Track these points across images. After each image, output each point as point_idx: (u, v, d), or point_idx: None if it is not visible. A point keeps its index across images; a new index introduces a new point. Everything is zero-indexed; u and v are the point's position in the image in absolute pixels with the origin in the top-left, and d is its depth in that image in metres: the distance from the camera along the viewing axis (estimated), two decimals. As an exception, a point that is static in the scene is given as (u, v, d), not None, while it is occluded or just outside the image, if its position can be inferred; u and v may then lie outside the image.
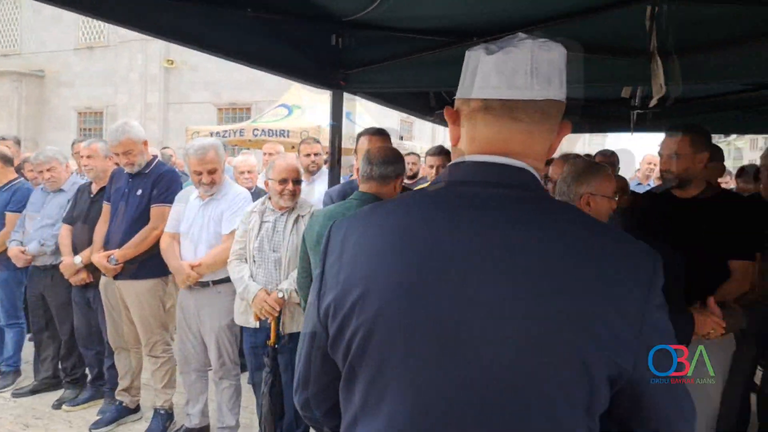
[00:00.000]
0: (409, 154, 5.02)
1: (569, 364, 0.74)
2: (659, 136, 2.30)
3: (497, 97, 0.83)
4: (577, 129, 5.08)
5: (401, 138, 13.01)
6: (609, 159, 3.85)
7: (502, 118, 0.84)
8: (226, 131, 8.84)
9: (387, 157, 2.15)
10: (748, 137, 30.23)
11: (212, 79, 17.90)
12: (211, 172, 2.91)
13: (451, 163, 0.92)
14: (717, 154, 2.91)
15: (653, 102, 2.28)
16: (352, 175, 4.35)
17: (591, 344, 0.74)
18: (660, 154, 2.46)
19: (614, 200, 2.08)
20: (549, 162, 2.89)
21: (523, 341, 0.75)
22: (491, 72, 0.83)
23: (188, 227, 3.02)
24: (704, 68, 2.21)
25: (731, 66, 2.22)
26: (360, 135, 2.90)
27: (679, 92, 2.08)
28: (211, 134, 8.06)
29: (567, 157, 2.71)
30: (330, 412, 0.95)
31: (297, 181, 2.76)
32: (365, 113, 8.91)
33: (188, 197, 3.08)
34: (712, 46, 2.20)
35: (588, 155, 4.34)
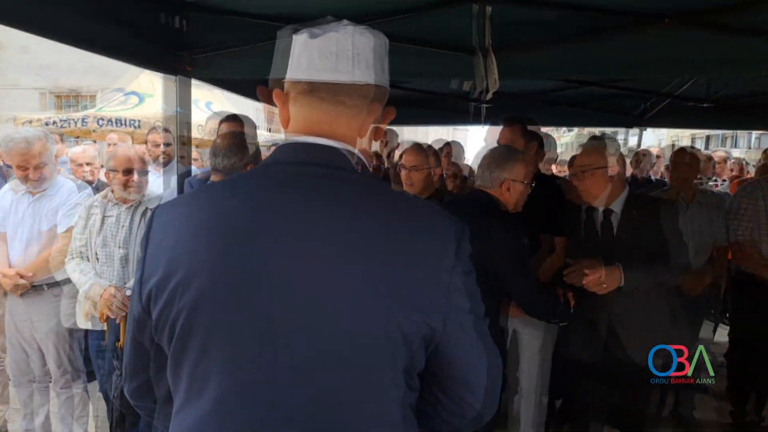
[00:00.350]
0: (272, 145, 4.96)
1: (388, 330, 0.79)
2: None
3: (322, 80, 0.87)
4: (425, 121, 5.37)
5: (269, 130, 12.67)
6: (448, 149, 4.18)
7: (326, 100, 0.88)
8: (64, 120, 7.93)
9: (231, 148, 2.12)
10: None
11: (48, 62, 15.86)
12: (39, 167, 2.62)
13: (278, 144, 0.95)
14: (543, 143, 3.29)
15: (489, 96, 2.52)
16: None
17: (407, 309, 0.80)
18: (497, 143, 2.74)
19: (529, 186, 2.17)
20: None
21: (340, 315, 0.79)
22: (315, 55, 0.87)
23: (15, 227, 2.71)
24: (525, 65, 2.48)
25: (550, 64, 2.51)
26: (220, 122, 2.86)
27: (497, 87, 2.32)
28: (46, 123, 7.20)
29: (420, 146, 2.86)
30: (161, 399, 0.94)
31: (143, 172, 2.61)
32: (227, 101, 8.56)
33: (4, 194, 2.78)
34: (532, 44, 2.47)
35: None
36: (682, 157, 3.23)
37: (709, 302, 3.38)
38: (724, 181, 5.03)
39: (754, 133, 21.08)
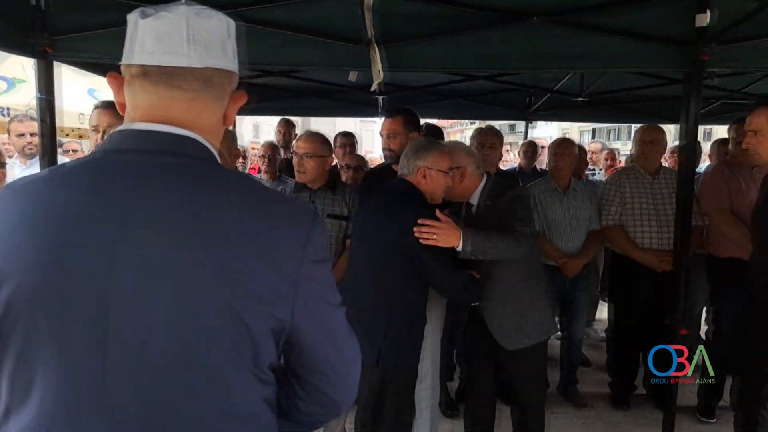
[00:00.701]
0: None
1: (226, 323, 0.76)
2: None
3: (154, 63, 0.81)
4: (330, 113, 5.34)
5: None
6: (349, 140, 4.20)
7: (160, 84, 0.82)
8: None
9: None
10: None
11: None
12: None
13: (113, 131, 0.88)
14: (433, 134, 3.37)
15: (375, 86, 2.53)
16: None
17: (248, 301, 0.77)
18: (380, 134, 2.77)
19: (449, 175, 2.21)
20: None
21: (174, 310, 0.75)
22: (147, 37, 0.81)
23: None
24: (409, 58, 2.52)
25: (437, 57, 2.56)
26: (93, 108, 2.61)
27: (382, 78, 2.34)
28: None
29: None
30: None
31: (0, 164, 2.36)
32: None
33: None
34: (416, 37, 2.51)
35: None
36: (557, 148, 3.45)
37: (587, 282, 3.63)
38: (600, 170, 5.47)
39: (634, 126, 23.20)
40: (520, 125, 5.52)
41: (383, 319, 2.10)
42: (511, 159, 7.11)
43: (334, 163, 3.15)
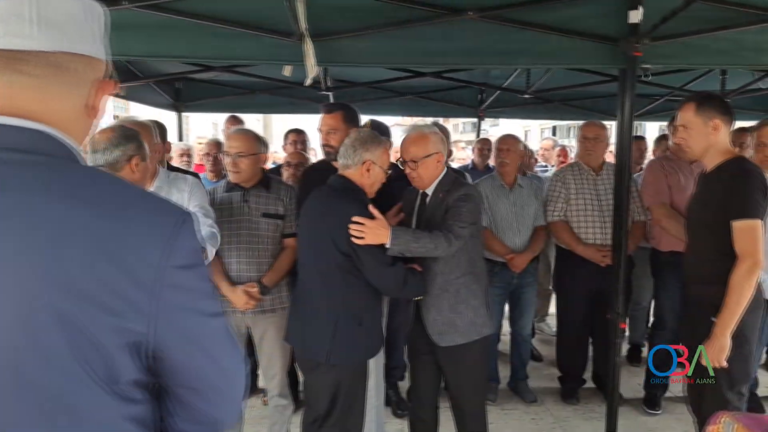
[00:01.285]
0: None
1: (68, 336, 0.69)
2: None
3: None
4: (277, 110, 5.25)
5: (115, 117, 11.56)
6: (301, 137, 4.10)
7: (3, 70, 0.74)
8: None
9: (112, 141, 1.94)
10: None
11: None
12: None
13: None
14: (379, 131, 3.31)
15: (308, 81, 2.47)
16: None
17: (92, 311, 0.70)
18: (319, 130, 2.70)
19: (387, 172, 2.23)
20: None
21: (4, 323, 0.67)
22: None
23: None
24: (346, 52, 2.47)
25: (372, 51, 2.51)
26: None
27: (316, 73, 2.28)
28: None
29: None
30: None
31: None
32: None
33: None
34: (348, 31, 2.45)
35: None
36: (502, 144, 3.46)
37: (535, 277, 3.65)
38: (552, 166, 5.53)
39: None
40: (484, 123, 5.51)
41: (332, 318, 2.11)
42: (467, 156, 7.15)
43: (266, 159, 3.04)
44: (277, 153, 6.78)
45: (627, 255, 2.74)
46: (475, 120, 5.50)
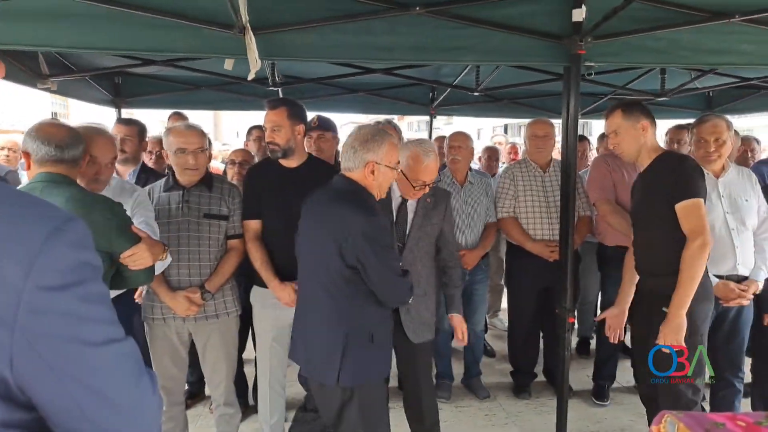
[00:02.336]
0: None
1: None
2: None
3: None
4: (224, 106, 5.09)
5: (53, 114, 11.04)
6: (259, 134, 3.98)
7: None
8: None
9: (74, 136, 1.87)
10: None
11: None
12: None
13: None
14: (325, 127, 3.24)
15: (251, 76, 2.37)
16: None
17: None
18: (263, 127, 2.61)
19: (397, 170, 2.05)
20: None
21: None
22: None
23: None
24: (290, 46, 2.38)
25: (316, 45, 2.43)
26: None
27: (259, 66, 2.19)
28: None
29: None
30: None
31: None
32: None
33: None
34: (296, 24, 2.37)
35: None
36: (453, 141, 3.47)
37: (486, 274, 3.67)
38: (503, 163, 5.60)
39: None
40: (438, 121, 5.49)
41: (341, 335, 1.89)
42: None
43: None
44: (228, 149, 6.57)
45: (574, 250, 2.78)
46: (427, 118, 5.49)
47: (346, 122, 16.74)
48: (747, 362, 2.94)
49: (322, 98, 4.79)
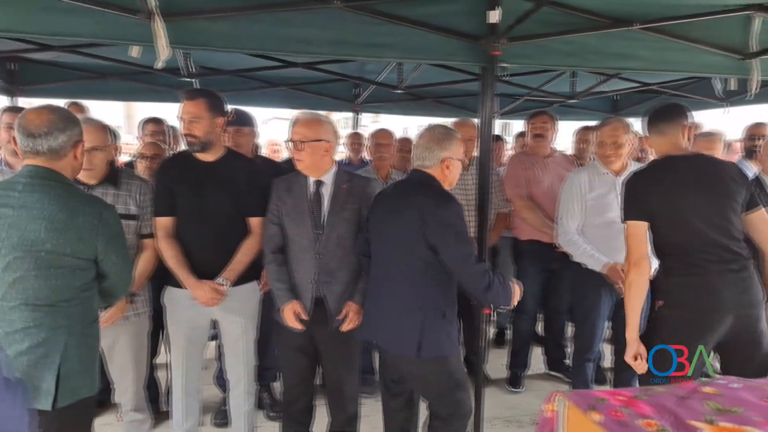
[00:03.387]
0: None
1: None
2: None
3: None
4: (133, 97, 4.81)
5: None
6: (160, 127, 3.78)
7: None
8: None
9: (55, 123, 1.71)
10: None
11: None
12: None
13: None
14: (242, 120, 3.13)
15: (160, 64, 2.24)
16: None
17: None
18: (180, 119, 2.46)
19: (464, 162, 2.28)
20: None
21: None
22: None
23: None
24: (201, 34, 2.28)
25: (230, 35, 2.33)
26: None
27: (169, 55, 2.08)
28: None
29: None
30: None
31: None
32: None
33: None
34: (208, 12, 2.26)
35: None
36: (378, 139, 3.49)
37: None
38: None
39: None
40: (365, 119, 5.46)
41: (418, 312, 2.09)
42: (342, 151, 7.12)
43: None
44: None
45: (491, 246, 2.88)
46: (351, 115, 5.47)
47: (271, 117, 16.09)
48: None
49: (243, 92, 4.65)
